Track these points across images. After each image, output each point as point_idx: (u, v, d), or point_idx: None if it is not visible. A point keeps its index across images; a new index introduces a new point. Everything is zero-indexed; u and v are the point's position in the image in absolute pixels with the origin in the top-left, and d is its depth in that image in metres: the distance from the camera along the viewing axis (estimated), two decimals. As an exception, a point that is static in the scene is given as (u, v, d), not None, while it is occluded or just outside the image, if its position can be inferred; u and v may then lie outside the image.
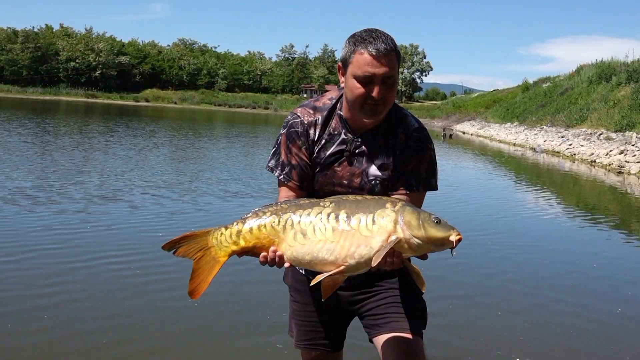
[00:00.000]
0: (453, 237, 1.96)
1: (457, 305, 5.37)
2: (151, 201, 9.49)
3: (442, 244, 1.97)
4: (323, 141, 2.39)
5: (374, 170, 2.35)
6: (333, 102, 2.43)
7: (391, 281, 2.49)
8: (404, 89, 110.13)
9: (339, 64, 2.34)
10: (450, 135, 43.67)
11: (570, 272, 6.94)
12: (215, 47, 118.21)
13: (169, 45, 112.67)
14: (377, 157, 2.36)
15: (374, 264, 1.96)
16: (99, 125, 29.90)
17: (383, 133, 2.37)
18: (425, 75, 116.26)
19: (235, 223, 2.13)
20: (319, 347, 2.66)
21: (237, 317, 4.85)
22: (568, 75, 50.12)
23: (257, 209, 2.14)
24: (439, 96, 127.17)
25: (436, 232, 1.96)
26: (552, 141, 31.61)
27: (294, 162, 2.40)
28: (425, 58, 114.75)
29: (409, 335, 2.37)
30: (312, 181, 2.43)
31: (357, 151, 2.36)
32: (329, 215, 2.02)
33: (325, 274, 2.01)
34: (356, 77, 2.22)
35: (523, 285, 6.23)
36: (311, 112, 2.42)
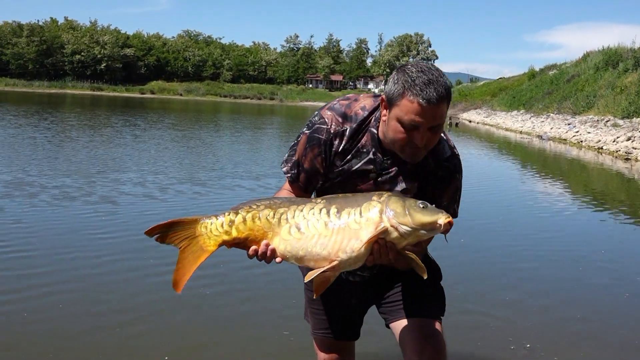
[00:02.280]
0: (441, 220, 1.92)
1: (462, 291, 5.39)
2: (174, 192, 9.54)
3: (431, 228, 1.93)
4: (349, 155, 2.28)
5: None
6: (365, 114, 2.27)
7: (409, 269, 2.47)
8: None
9: (383, 96, 2.18)
10: (457, 124, 43.48)
11: (578, 257, 6.94)
12: (220, 38, 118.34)
13: (173, 37, 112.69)
14: (403, 180, 2.27)
15: (362, 251, 1.95)
16: (117, 119, 29.94)
17: None
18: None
19: (227, 213, 2.08)
20: (335, 336, 2.65)
21: (244, 305, 4.87)
22: (574, 62, 49.81)
23: (250, 201, 2.10)
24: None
25: (422, 217, 1.92)
26: (559, 129, 31.49)
27: (306, 166, 2.32)
28: (430, 47, 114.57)
29: (429, 320, 2.37)
30: (323, 187, 2.37)
31: (384, 172, 2.27)
32: (320, 210, 2.01)
33: (319, 270, 1.98)
34: (401, 122, 2.07)
35: (528, 271, 6.24)
36: (340, 120, 2.27)
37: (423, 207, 1.94)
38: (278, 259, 2.04)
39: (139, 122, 27.76)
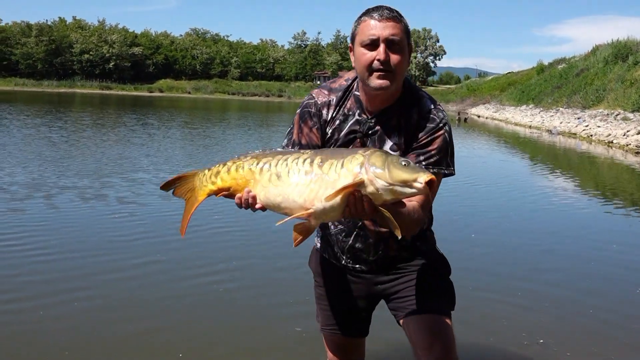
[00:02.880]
0: (422, 179, 1.86)
1: (475, 290, 5.39)
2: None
3: (410, 186, 1.88)
4: (337, 122, 2.39)
5: (387, 149, 2.31)
6: (349, 83, 2.43)
7: (417, 264, 2.49)
8: (417, 73, 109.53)
9: (350, 44, 2.37)
10: (465, 119, 43.39)
11: (590, 253, 6.92)
12: (228, 36, 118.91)
13: (181, 35, 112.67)
14: (390, 137, 2.33)
15: (331, 199, 1.92)
16: (130, 118, 29.99)
17: (397, 113, 2.33)
18: (439, 60, 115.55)
19: (217, 165, 2.19)
20: (344, 332, 2.66)
21: (256, 301, 4.88)
22: (584, 56, 49.60)
23: (241, 154, 2.17)
24: (453, 80, 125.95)
25: (401, 173, 1.88)
26: (569, 123, 31.36)
27: (303, 141, 2.41)
28: (438, 42, 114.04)
29: (437, 316, 2.38)
30: None
31: (370, 132, 2.34)
32: (304, 160, 2.02)
33: (292, 216, 1.99)
34: (362, 44, 2.24)
35: (540, 266, 6.22)
36: (326, 92, 2.43)
37: (405, 164, 1.91)
38: (258, 205, 2.07)
39: (151, 121, 27.81)
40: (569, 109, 36.06)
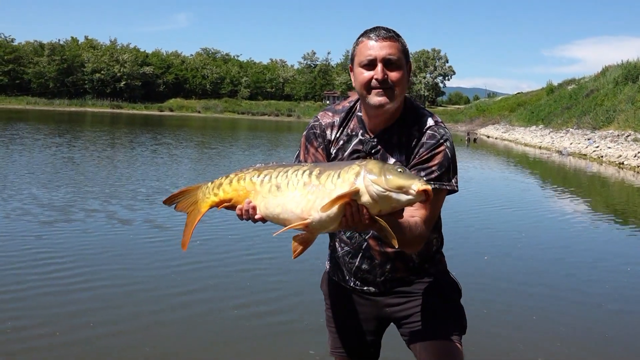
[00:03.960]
0: (416, 186, 1.84)
1: (489, 308, 5.34)
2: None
3: (405, 192, 1.85)
4: (341, 142, 2.44)
5: None
6: (352, 104, 2.49)
7: (425, 287, 2.47)
8: (426, 93, 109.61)
9: (350, 65, 2.42)
10: (475, 140, 43.26)
11: (602, 275, 6.86)
12: (238, 56, 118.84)
13: (192, 55, 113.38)
14: (392, 155, 2.35)
15: (327, 209, 1.91)
16: (146, 137, 30.10)
17: (398, 132, 2.35)
18: (448, 80, 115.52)
19: (220, 177, 2.23)
20: (352, 355, 2.63)
21: (270, 320, 4.88)
22: (593, 77, 49.56)
23: (243, 167, 2.20)
24: (462, 100, 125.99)
25: (397, 179, 1.86)
26: (579, 144, 31.26)
27: (309, 161, 2.44)
28: (447, 62, 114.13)
29: (446, 341, 2.37)
30: None
31: (373, 151, 2.37)
32: (304, 172, 2.03)
33: (289, 226, 1.99)
34: (361, 65, 2.29)
35: (552, 289, 6.18)
36: (330, 114, 2.49)
37: (401, 171, 1.89)
38: (258, 216, 2.08)
39: (168, 141, 27.94)
40: (579, 129, 35.96)
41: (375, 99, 2.27)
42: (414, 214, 2.19)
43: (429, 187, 1.85)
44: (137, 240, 7.52)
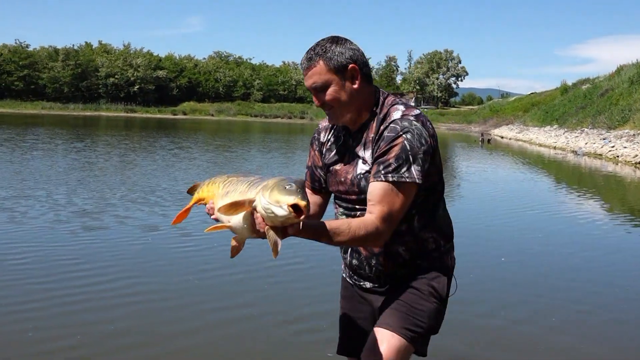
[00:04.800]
0: (288, 200, 1.90)
1: (507, 314, 5.32)
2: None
3: (281, 206, 1.91)
4: (329, 143, 2.56)
5: (360, 165, 2.39)
6: None
7: (411, 281, 2.44)
8: (439, 94, 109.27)
9: None
10: (489, 140, 43.16)
11: (619, 278, 6.79)
12: (250, 59, 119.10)
13: (204, 59, 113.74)
14: (359, 152, 2.41)
15: (222, 211, 2.10)
16: (165, 141, 30.17)
17: (368, 129, 2.40)
18: (461, 80, 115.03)
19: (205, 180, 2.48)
20: (351, 354, 2.66)
21: (288, 326, 4.87)
22: (608, 76, 49.21)
23: (226, 174, 2.38)
24: (475, 101, 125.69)
25: (276, 194, 1.93)
26: (594, 143, 31.03)
27: (309, 164, 2.66)
28: (460, 63, 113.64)
29: (389, 332, 2.33)
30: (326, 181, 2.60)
31: (349, 150, 2.46)
32: (247, 183, 2.13)
33: (215, 226, 2.18)
34: None
35: (569, 292, 6.12)
36: (327, 118, 2.54)
37: (288, 187, 1.94)
38: (213, 216, 2.25)
39: (188, 144, 27.88)
40: (594, 129, 35.70)
41: (329, 119, 2.45)
42: (372, 210, 2.22)
43: (301, 202, 1.89)
44: (168, 249, 7.32)
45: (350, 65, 2.33)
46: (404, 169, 2.23)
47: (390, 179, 2.22)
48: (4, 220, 8.45)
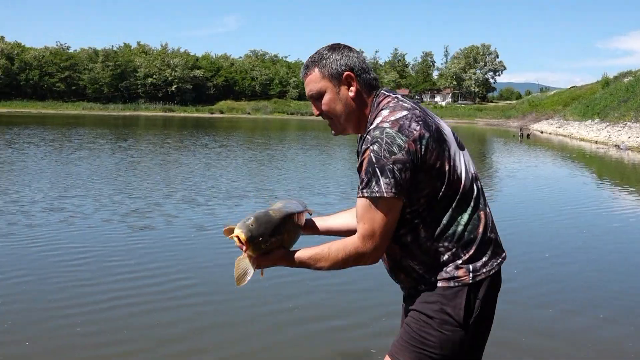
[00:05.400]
0: (235, 231, 2.12)
1: (557, 312, 5.25)
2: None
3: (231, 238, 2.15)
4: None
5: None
6: None
7: (425, 302, 2.23)
8: (476, 89, 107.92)
9: None
10: (528, 135, 42.53)
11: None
12: (286, 57, 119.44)
13: (241, 57, 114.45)
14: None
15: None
16: (207, 140, 30.34)
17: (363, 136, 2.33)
18: (499, 75, 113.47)
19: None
20: None
21: (332, 320, 4.89)
22: (651, 68, 48.00)
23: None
24: (513, 96, 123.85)
25: (238, 223, 2.15)
26: (638, 137, 30.35)
27: None
28: (497, 57, 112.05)
29: (387, 358, 2.28)
30: None
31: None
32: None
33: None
34: None
35: (616, 290, 6.01)
36: None
37: (247, 219, 2.14)
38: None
39: (230, 143, 28.00)
40: (637, 123, 34.90)
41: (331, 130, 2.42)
42: (357, 229, 2.17)
43: (239, 234, 2.10)
44: (216, 249, 7.22)
45: (346, 73, 2.26)
46: (373, 183, 2.10)
47: (365, 195, 2.12)
48: (55, 220, 8.54)
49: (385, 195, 2.08)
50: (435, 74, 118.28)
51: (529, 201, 12.00)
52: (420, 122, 2.15)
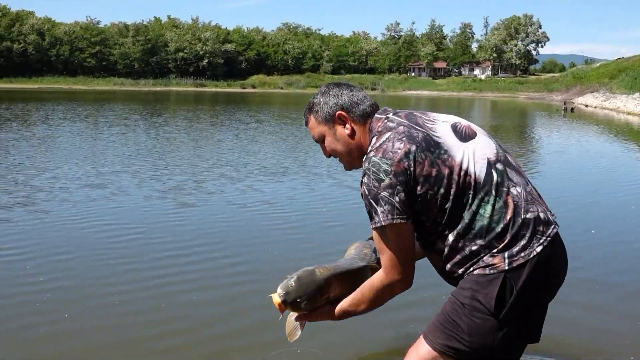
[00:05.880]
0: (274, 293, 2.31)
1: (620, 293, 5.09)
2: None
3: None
4: None
5: None
6: None
7: (460, 287, 2.27)
8: (518, 62, 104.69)
9: None
10: (572, 109, 41.19)
11: None
12: (319, 30, 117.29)
13: (273, 31, 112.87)
14: None
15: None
16: (242, 115, 30.10)
17: None
18: (541, 47, 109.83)
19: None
20: None
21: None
22: None
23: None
24: (557, 68, 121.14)
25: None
26: (692, 111, 28.05)
27: None
28: (540, 28, 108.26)
29: (421, 338, 2.35)
30: None
31: None
32: None
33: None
34: None
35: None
36: None
37: (289, 278, 2.32)
38: None
39: (265, 117, 27.91)
40: (693, 95, 32.40)
41: None
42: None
43: (275, 298, 2.29)
44: (261, 226, 7.10)
45: (337, 113, 2.39)
46: (374, 214, 2.22)
47: (372, 228, 2.24)
48: (95, 197, 8.49)
49: (384, 223, 2.18)
50: (474, 46, 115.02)
51: (581, 177, 11.69)
52: (403, 139, 2.22)
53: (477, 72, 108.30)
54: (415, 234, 2.25)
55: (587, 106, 49.69)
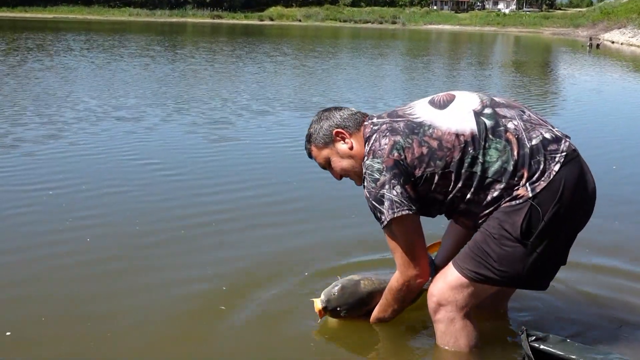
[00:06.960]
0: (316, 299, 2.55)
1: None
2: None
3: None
4: None
5: None
6: None
7: (490, 219, 2.35)
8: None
9: None
10: (598, 45, 40.08)
11: None
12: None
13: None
14: None
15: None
16: (270, 47, 29.41)
17: None
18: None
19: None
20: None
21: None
22: None
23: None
24: (584, 2, 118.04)
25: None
26: None
27: None
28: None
29: (452, 267, 2.42)
30: None
31: None
32: None
33: None
34: None
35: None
36: None
37: (334, 285, 2.52)
38: None
39: (289, 51, 27.24)
40: None
41: None
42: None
43: (315, 301, 2.59)
44: (295, 163, 6.47)
45: (334, 131, 2.50)
46: (379, 215, 2.33)
47: (382, 228, 2.37)
48: (124, 130, 8.16)
49: (388, 219, 2.31)
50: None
51: (597, 117, 11.06)
52: (387, 134, 2.33)
53: (501, 5, 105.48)
54: (438, 212, 2.41)
55: (613, 42, 48.26)
